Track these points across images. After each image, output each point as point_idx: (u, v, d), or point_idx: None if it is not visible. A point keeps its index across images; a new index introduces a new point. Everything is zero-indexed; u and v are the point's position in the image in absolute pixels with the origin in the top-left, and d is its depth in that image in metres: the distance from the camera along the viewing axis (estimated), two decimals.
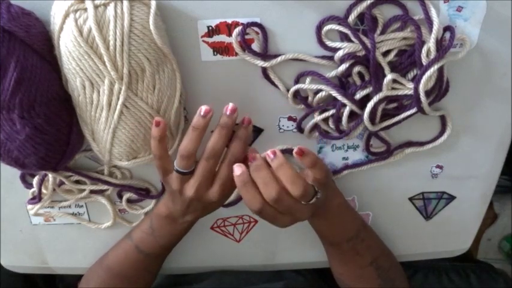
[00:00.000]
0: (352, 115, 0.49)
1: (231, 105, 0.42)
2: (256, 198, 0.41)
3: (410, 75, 0.46)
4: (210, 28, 0.45)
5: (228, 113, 0.42)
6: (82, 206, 0.58)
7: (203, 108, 0.41)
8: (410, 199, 0.60)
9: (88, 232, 0.60)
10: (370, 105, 0.47)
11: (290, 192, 0.41)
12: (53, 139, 0.43)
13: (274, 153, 0.41)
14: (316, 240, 0.55)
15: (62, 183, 0.54)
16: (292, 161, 0.47)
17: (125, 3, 0.39)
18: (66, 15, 0.39)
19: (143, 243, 0.52)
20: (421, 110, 0.47)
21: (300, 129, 0.52)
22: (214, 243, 0.62)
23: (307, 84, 0.48)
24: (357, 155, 0.55)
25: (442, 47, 0.44)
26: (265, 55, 0.46)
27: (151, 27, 0.40)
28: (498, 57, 0.48)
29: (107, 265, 0.55)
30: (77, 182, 0.54)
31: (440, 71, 0.45)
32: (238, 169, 0.41)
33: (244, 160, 0.43)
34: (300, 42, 0.46)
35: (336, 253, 0.55)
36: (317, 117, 0.50)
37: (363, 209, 0.60)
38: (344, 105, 0.48)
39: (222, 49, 0.46)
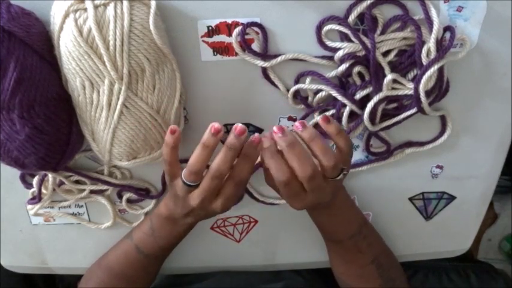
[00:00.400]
0: (352, 115, 0.49)
1: (239, 126, 0.40)
2: (285, 170, 0.40)
3: (411, 75, 0.46)
4: (210, 28, 0.45)
5: (235, 133, 0.40)
6: (82, 206, 0.58)
7: (214, 126, 0.40)
8: (411, 199, 0.60)
9: (88, 232, 0.60)
10: (370, 105, 0.47)
11: (322, 162, 0.40)
12: (52, 139, 0.43)
13: (304, 124, 0.40)
14: (316, 241, 0.55)
15: (61, 183, 0.54)
16: None
17: (125, 3, 0.39)
18: (66, 15, 0.39)
19: (143, 243, 0.52)
20: (421, 110, 0.47)
21: None
22: (214, 243, 0.62)
23: (307, 84, 0.48)
24: (357, 155, 0.55)
25: (442, 47, 0.44)
26: (265, 55, 0.46)
27: (151, 27, 0.40)
28: (498, 57, 0.48)
29: (106, 265, 0.55)
30: (77, 182, 0.54)
31: (441, 71, 0.45)
32: (266, 141, 0.40)
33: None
34: (300, 42, 0.46)
35: (338, 251, 0.55)
36: (317, 117, 0.50)
37: (363, 209, 0.60)
38: (344, 105, 0.48)
39: (222, 49, 0.46)
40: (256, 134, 0.41)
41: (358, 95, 0.47)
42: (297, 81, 0.48)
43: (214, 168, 0.41)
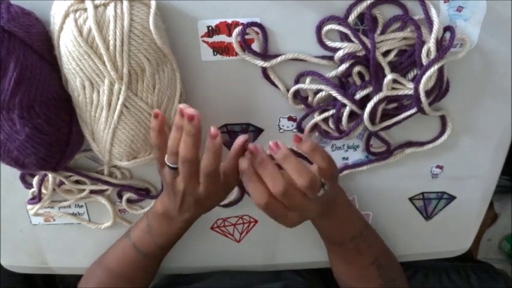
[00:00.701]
0: (352, 115, 0.49)
1: (188, 111, 0.39)
2: (263, 193, 0.41)
3: (411, 75, 0.46)
4: (210, 28, 0.45)
5: (185, 117, 0.39)
6: (82, 206, 0.58)
7: (179, 107, 0.40)
8: (411, 199, 0.60)
9: (88, 232, 0.60)
10: (370, 105, 0.47)
11: (297, 183, 0.40)
12: (52, 139, 0.43)
13: (277, 145, 0.40)
14: (316, 241, 0.55)
15: (61, 183, 0.54)
16: None
17: (125, 3, 0.39)
18: (66, 15, 0.39)
19: (141, 242, 0.52)
20: (421, 110, 0.47)
21: (300, 129, 0.52)
22: (214, 243, 0.62)
23: (307, 84, 0.48)
24: (357, 155, 0.55)
25: (442, 47, 0.44)
26: (265, 55, 0.46)
27: (151, 27, 0.40)
28: (498, 57, 0.48)
29: (105, 265, 0.55)
30: (77, 182, 0.54)
31: (441, 71, 0.45)
32: (243, 163, 0.41)
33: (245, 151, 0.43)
34: (300, 42, 0.46)
35: (338, 253, 0.55)
36: (317, 117, 0.50)
37: (363, 209, 0.60)
38: (344, 105, 0.48)
39: (222, 49, 0.46)
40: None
41: (358, 95, 0.47)
42: (297, 81, 0.48)
43: (181, 154, 0.41)
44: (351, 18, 0.44)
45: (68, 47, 0.40)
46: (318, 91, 0.48)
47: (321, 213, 0.45)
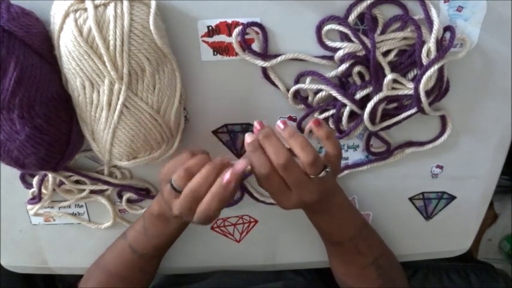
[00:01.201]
0: (352, 115, 0.49)
1: (227, 175, 0.39)
2: (266, 163, 0.41)
3: (411, 75, 0.46)
4: (210, 28, 0.45)
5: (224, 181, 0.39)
6: (82, 206, 0.58)
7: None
8: (411, 199, 0.60)
9: (88, 232, 0.60)
10: (370, 105, 0.47)
11: (301, 158, 0.41)
12: (52, 139, 0.43)
13: (285, 123, 0.42)
14: (316, 241, 0.55)
15: (61, 183, 0.54)
16: None
17: (125, 3, 0.39)
18: (66, 15, 0.39)
19: (136, 242, 0.52)
20: (421, 110, 0.47)
21: (300, 129, 0.52)
22: (214, 243, 0.62)
23: (307, 84, 0.48)
24: (357, 155, 0.55)
25: (442, 47, 0.44)
26: (265, 55, 0.46)
27: (151, 27, 0.40)
28: (498, 57, 0.48)
29: (103, 265, 0.55)
30: (77, 182, 0.54)
31: (441, 71, 0.45)
32: (249, 137, 0.41)
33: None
34: (300, 42, 0.46)
35: (337, 253, 0.55)
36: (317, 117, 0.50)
37: (363, 209, 0.60)
38: (344, 105, 0.48)
39: (222, 49, 0.46)
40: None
41: (358, 95, 0.47)
42: (297, 81, 0.48)
43: (194, 192, 0.40)
44: (351, 18, 0.44)
45: (68, 47, 0.40)
46: (318, 91, 0.48)
47: (319, 200, 0.44)
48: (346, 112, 0.48)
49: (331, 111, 0.49)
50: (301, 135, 0.41)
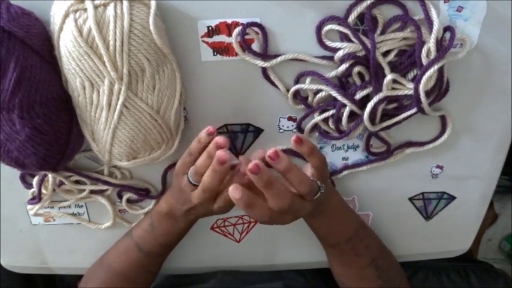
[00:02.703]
0: (352, 115, 0.49)
1: (221, 155, 0.40)
2: (265, 212, 0.41)
3: (411, 75, 0.46)
4: (210, 28, 0.45)
5: (216, 164, 0.40)
6: (82, 206, 0.58)
7: (210, 130, 0.43)
8: (411, 199, 0.60)
9: (88, 232, 0.60)
10: (370, 105, 0.47)
11: (298, 192, 0.41)
12: (52, 139, 0.43)
13: (277, 155, 0.39)
14: (316, 241, 0.55)
15: (61, 183, 0.54)
16: None
17: (125, 3, 0.39)
18: (66, 15, 0.39)
19: (143, 241, 0.52)
20: (421, 110, 0.47)
21: (300, 129, 0.52)
22: (214, 243, 0.62)
23: (307, 84, 0.48)
24: (357, 155, 0.55)
25: (442, 47, 0.44)
26: (265, 55, 0.46)
27: (151, 27, 0.40)
28: (498, 57, 0.48)
29: (107, 264, 0.55)
30: (77, 182, 0.54)
31: (441, 71, 0.45)
32: (236, 192, 0.40)
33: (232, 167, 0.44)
34: (300, 42, 0.46)
35: (335, 254, 0.55)
36: (317, 117, 0.50)
37: (363, 209, 0.60)
38: (344, 105, 0.48)
39: (222, 49, 0.46)
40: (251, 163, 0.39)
41: (358, 95, 0.47)
42: (297, 81, 0.48)
43: (205, 183, 0.42)
44: (351, 18, 0.44)
45: (67, 47, 0.40)
46: (318, 91, 0.48)
47: (313, 210, 0.46)
48: (346, 112, 0.48)
49: (331, 112, 0.49)
50: (296, 169, 0.41)
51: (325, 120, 0.50)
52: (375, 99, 0.46)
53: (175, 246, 0.55)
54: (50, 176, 0.52)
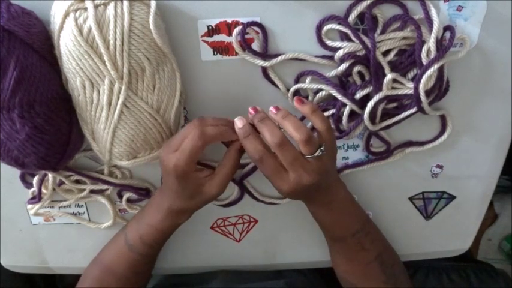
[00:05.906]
0: (352, 115, 0.49)
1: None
2: (258, 146, 0.42)
3: (411, 74, 0.47)
4: (210, 28, 0.45)
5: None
6: (82, 205, 0.58)
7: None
8: (411, 199, 0.60)
9: (88, 232, 0.60)
10: (370, 105, 0.47)
11: (295, 137, 0.41)
12: (52, 139, 0.43)
13: (278, 108, 0.43)
14: (316, 240, 0.55)
15: (61, 183, 0.54)
16: None
17: (125, 3, 0.39)
18: (66, 15, 0.39)
19: (130, 231, 0.52)
20: (421, 110, 0.47)
21: None
22: (214, 243, 0.62)
23: (307, 84, 0.48)
24: (357, 155, 0.55)
25: (442, 47, 0.44)
26: (265, 55, 0.46)
27: (151, 26, 0.40)
28: (498, 57, 0.48)
29: (99, 259, 0.55)
30: (77, 181, 0.54)
31: (441, 70, 0.45)
32: (240, 122, 0.43)
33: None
34: (300, 41, 0.46)
35: (340, 249, 0.54)
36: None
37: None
38: (344, 105, 0.48)
39: (222, 49, 0.46)
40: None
41: (358, 95, 0.47)
42: (297, 81, 0.48)
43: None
44: (351, 17, 0.44)
45: (68, 46, 0.40)
46: (318, 91, 0.48)
47: (317, 185, 0.44)
48: (346, 112, 0.48)
49: (331, 111, 0.49)
50: (294, 116, 0.42)
51: None
52: (375, 98, 0.46)
53: (161, 245, 0.54)
54: (50, 175, 0.52)
